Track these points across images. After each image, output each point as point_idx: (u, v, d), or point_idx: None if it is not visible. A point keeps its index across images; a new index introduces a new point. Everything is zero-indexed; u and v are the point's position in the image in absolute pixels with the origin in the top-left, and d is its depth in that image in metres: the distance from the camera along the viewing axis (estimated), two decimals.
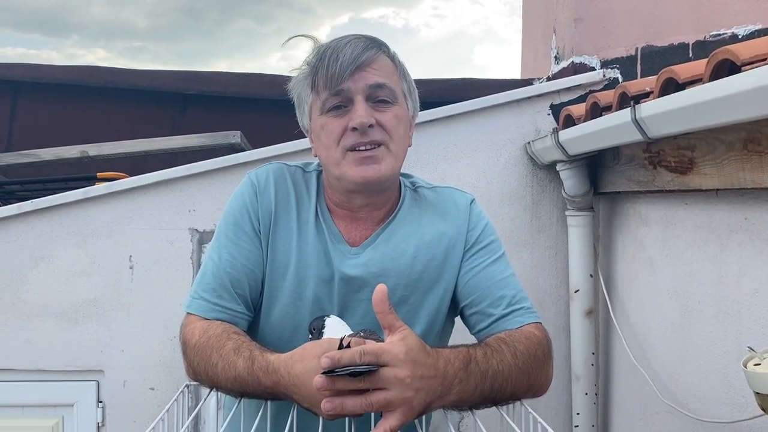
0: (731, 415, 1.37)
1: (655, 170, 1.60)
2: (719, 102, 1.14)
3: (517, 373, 1.11)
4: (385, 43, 1.27)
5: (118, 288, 2.11)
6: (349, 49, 1.20)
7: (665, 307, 1.65)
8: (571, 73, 2.30)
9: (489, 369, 1.06)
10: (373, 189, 1.25)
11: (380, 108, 1.21)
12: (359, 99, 1.19)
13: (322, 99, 1.22)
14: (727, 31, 2.18)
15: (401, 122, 1.25)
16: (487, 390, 1.06)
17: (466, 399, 1.04)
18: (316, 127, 1.26)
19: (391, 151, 1.22)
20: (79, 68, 3.01)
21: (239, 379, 1.09)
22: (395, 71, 1.27)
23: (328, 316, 1.12)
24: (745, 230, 1.32)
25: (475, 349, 1.09)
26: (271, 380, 1.04)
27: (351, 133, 1.19)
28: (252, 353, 1.09)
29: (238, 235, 1.28)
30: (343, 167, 1.21)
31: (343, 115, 1.20)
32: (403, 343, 0.94)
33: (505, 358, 1.10)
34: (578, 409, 2.06)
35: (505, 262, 1.32)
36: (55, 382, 2.09)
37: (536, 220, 2.17)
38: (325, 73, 1.20)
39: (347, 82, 1.19)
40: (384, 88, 1.22)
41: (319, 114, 1.23)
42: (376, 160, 1.20)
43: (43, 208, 2.09)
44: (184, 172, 2.11)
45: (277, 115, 2.80)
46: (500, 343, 1.14)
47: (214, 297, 1.24)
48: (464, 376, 1.02)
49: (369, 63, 1.20)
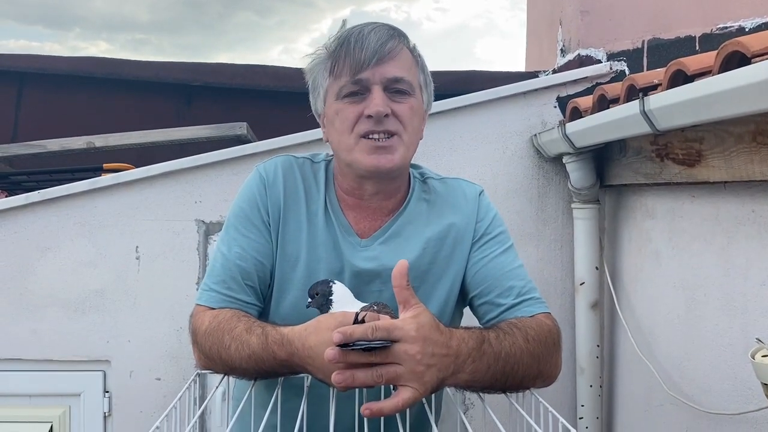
0: (737, 407, 1.37)
1: (663, 163, 1.60)
2: (729, 94, 1.13)
3: (528, 357, 1.12)
4: (406, 33, 1.27)
5: (124, 279, 2.12)
6: (374, 38, 1.20)
7: (671, 299, 1.65)
8: (577, 66, 2.30)
9: (502, 351, 1.08)
10: (384, 177, 1.26)
11: (397, 99, 1.22)
12: (377, 89, 1.20)
13: (340, 84, 1.22)
14: (734, 24, 2.17)
15: (416, 114, 1.25)
16: (500, 372, 1.07)
17: (479, 379, 1.05)
18: (330, 112, 1.26)
19: (404, 142, 1.23)
20: (86, 59, 3.02)
21: (254, 357, 1.09)
22: (414, 63, 1.27)
23: (333, 282, 1.13)
24: (753, 222, 1.33)
25: (488, 331, 1.10)
26: (286, 352, 1.05)
27: (366, 120, 1.20)
28: (265, 329, 1.11)
29: (248, 227, 1.28)
30: (355, 154, 1.22)
31: (359, 102, 1.21)
32: (414, 320, 0.96)
33: (517, 341, 1.11)
34: (583, 401, 2.07)
35: (513, 253, 1.33)
36: (62, 372, 2.10)
37: (542, 213, 2.17)
38: (349, 58, 1.20)
39: (368, 72, 1.19)
40: (402, 81, 1.22)
41: (335, 99, 1.23)
42: (389, 150, 1.21)
43: (50, 199, 2.09)
44: (191, 164, 2.11)
45: (283, 107, 2.82)
46: (512, 327, 1.15)
47: (224, 288, 1.24)
48: (477, 355, 1.03)
49: (391, 55, 1.20)
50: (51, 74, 2.95)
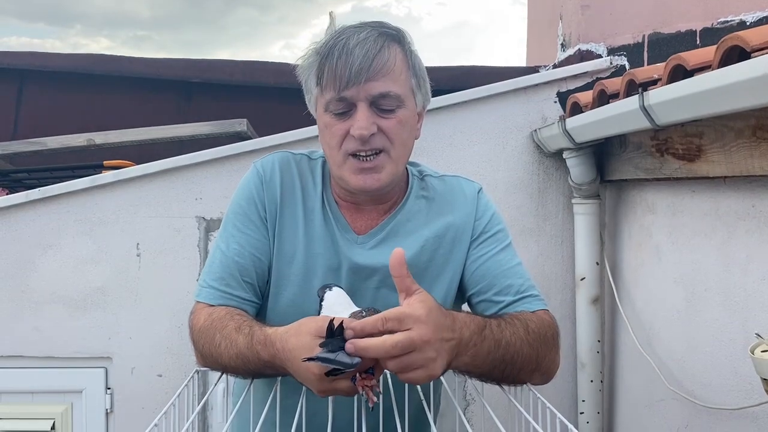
0: (737, 402, 1.37)
1: (663, 158, 1.60)
2: (729, 89, 1.13)
3: (528, 348, 1.12)
4: (399, 30, 1.22)
5: (125, 276, 2.12)
6: (359, 52, 1.14)
7: (672, 294, 1.65)
8: (578, 61, 2.29)
9: (502, 339, 1.08)
10: (373, 195, 1.26)
11: (384, 115, 1.18)
12: (362, 106, 1.16)
13: (326, 99, 1.19)
14: (735, 18, 2.16)
15: (405, 127, 1.21)
16: (499, 359, 1.07)
17: (478, 364, 1.05)
18: (320, 123, 1.25)
19: (392, 158, 1.21)
20: (86, 56, 3.02)
21: (240, 356, 1.10)
22: (405, 68, 1.21)
23: (329, 289, 1.13)
24: (753, 217, 1.32)
25: (489, 319, 1.10)
26: (268, 353, 1.05)
27: (352, 138, 1.17)
28: (251, 329, 1.11)
29: (245, 224, 1.28)
30: (343, 171, 1.21)
31: (345, 119, 1.18)
32: (423, 306, 0.94)
33: (517, 332, 1.11)
34: (584, 396, 2.07)
35: (512, 251, 1.32)
36: (64, 369, 2.11)
37: (542, 208, 2.17)
38: (332, 74, 1.16)
39: (352, 90, 1.15)
40: (389, 96, 1.17)
41: (323, 111, 1.21)
42: (376, 170, 1.19)
43: (51, 197, 2.10)
44: (191, 160, 2.11)
45: (283, 103, 2.81)
46: (513, 318, 1.15)
47: (222, 285, 1.25)
48: (479, 340, 1.03)
49: (378, 70, 1.15)
50: (51, 71, 2.95)
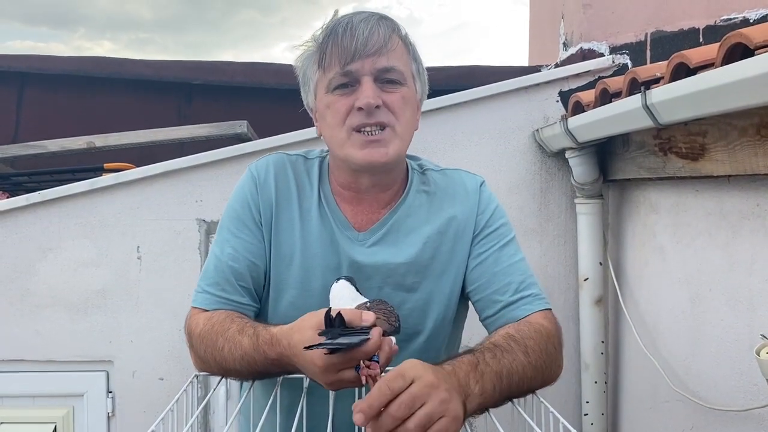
0: (743, 404, 1.36)
1: (666, 157, 1.59)
2: (732, 86, 1.12)
3: (532, 370, 1.09)
4: (397, 22, 1.24)
5: (126, 279, 2.12)
6: (364, 27, 1.16)
7: (676, 295, 1.64)
8: (580, 60, 2.28)
9: (503, 369, 1.04)
10: (379, 171, 1.23)
11: (388, 89, 1.19)
12: (367, 80, 1.17)
13: (329, 77, 1.19)
14: (738, 16, 2.14)
15: (408, 104, 1.22)
16: (506, 390, 1.04)
17: (489, 399, 1.01)
18: (321, 107, 1.24)
19: (398, 134, 1.20)
20: (86, 59, 3.02)
21: (246, 357, 1.09)
22: (406, 52, 1.24)
23: (336, 281, 1.12)
24: (757, 216, 1.31)
25: (481, 352, 1.06)
26: (275, 352, 1.05)
27: (357, 113, 1.17)
28: (256, 330, 1.10)
29: (240, 228, 1.27)
30: (347, 148, 1.19)
31: (350, 94, 1.18)
32: (411, 360, 0.94)
33: (517, 357, 1.08)
34: (588, 397, 2.05)
35: (514, 246, 1.30)
36: (65, 373, 2.11)
37: (545, 208, 2.16)
38: (338, 49, 1.16)
39: (357, 63, 1.16)
40: (393, 70, 1.19)
41: (325, 92, 1.20)
42: (382, 143, 1.18)
43: (51, 200, 2.09)
44: (191, 163, 2.11)
45: (284, 105, 2.80)
46: (509, 341, 1.11)
47: (218, 290, 1.23)
48: (478, 376, 1.00)
49: (381, 44, 1.17)
50: (52, 74, 2.96)
